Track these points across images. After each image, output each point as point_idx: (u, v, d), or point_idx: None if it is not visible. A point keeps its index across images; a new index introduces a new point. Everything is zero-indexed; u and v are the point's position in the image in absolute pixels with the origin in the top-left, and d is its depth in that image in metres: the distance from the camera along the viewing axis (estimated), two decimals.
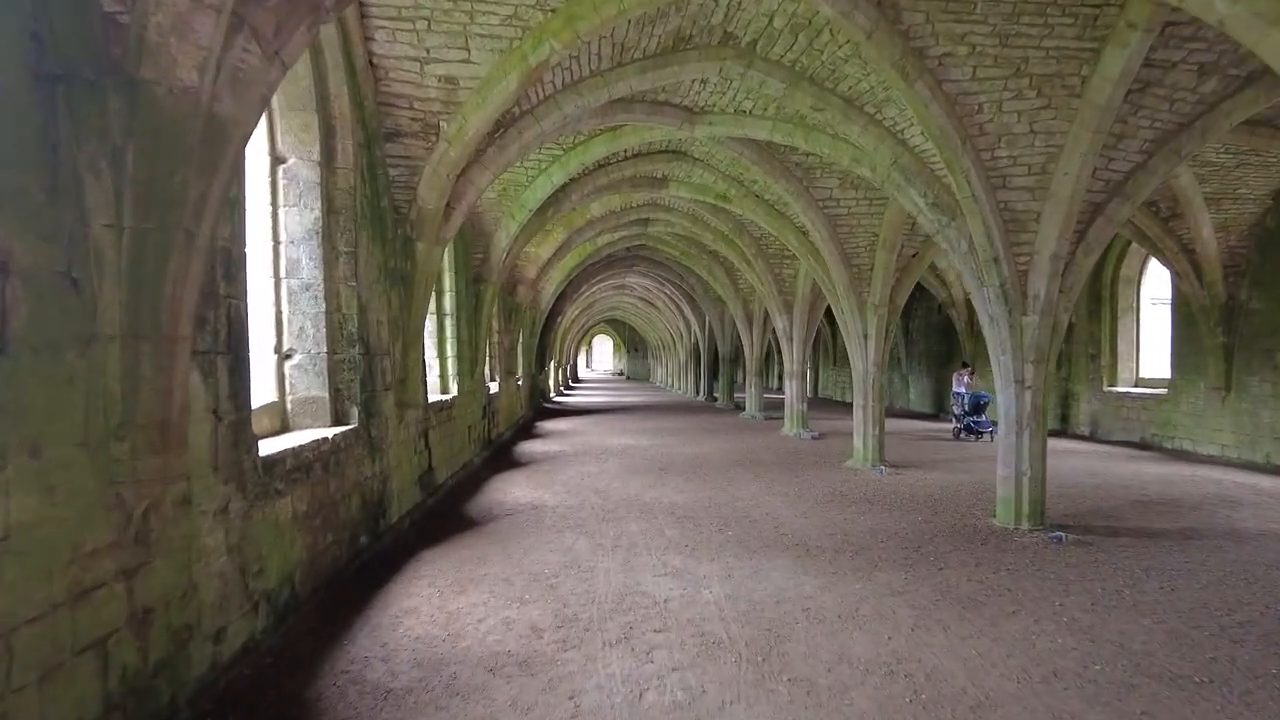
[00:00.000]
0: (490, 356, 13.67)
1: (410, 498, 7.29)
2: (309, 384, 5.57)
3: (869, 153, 7.67)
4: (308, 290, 5.56)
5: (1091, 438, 14.87)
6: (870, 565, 5.86)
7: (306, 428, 5.54)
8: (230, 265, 3.79)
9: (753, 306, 19.35)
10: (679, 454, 12.40)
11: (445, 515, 7.54)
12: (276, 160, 5.47)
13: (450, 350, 9.77)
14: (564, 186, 10.93)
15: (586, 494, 8.76)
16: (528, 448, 13.04)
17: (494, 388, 13.36)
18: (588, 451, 12.60)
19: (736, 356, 24.33)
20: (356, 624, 4.42)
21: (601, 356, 67.11)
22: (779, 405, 23.52)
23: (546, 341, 23.10)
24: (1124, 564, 6.00)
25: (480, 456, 11.37)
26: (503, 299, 14.20)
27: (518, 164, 9.75)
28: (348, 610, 4.65)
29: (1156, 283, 14.83)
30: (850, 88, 7.14)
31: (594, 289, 27.76)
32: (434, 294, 9.63)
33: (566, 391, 34.64)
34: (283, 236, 5.49)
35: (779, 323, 15.16)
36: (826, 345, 32.82)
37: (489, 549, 6.21)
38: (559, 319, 23.55)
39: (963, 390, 15.60)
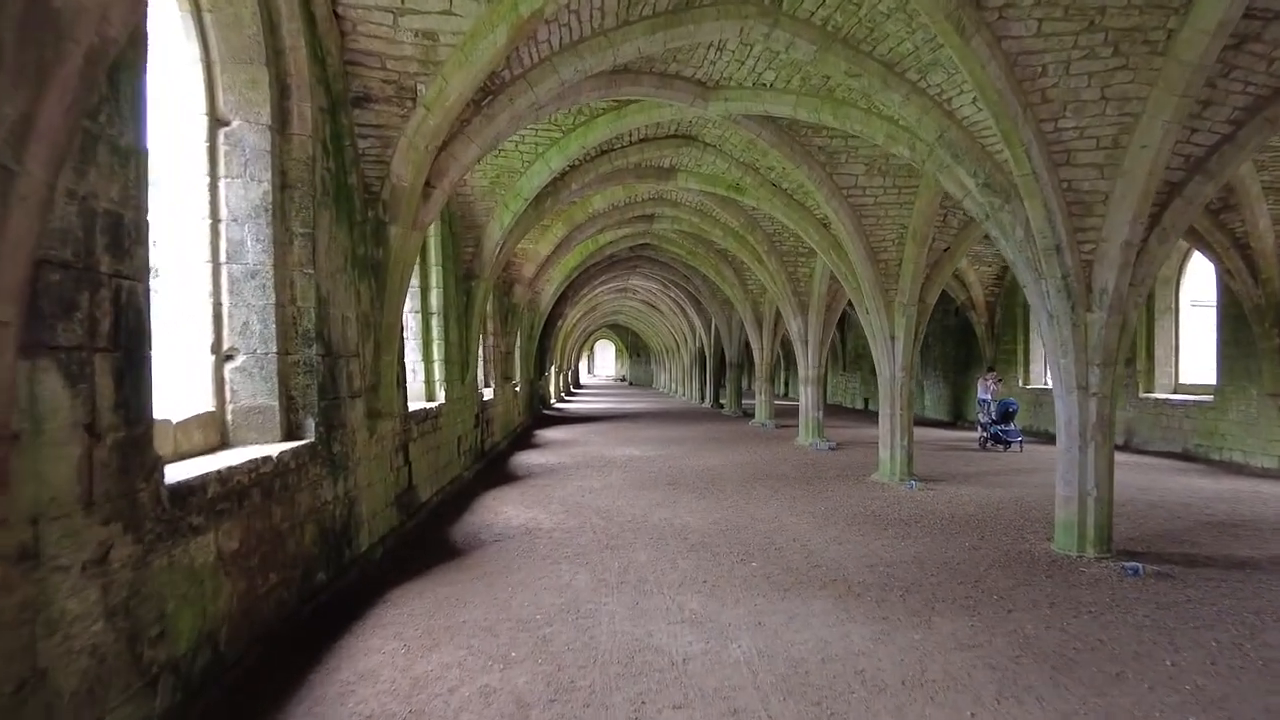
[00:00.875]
0: (485, 361, 12.76)
1: (385, 521, 6.35)
2: (254, 390, 4.64)
3: (911, 125, 6.76)
4: (254, 278, 4.63)
5: (1126, 447, 13.90)
6: (926, 607, 4.91)
7: (252, 443, 4.61)
8: (120, 235, 2.87)
9: (762, 308, 18.42)
10: (688, 467, 11.45)
11: (425, 542, 6.60)
12: (217, 122, 4.56)
13: (437, 353, 8.85)
14: (563, 175, 10.02)
15: (587, 514, 7.81)
16: (524, 459, 12.10)
17: (489, 394, 12.44)
18: (589, 464, 11.66)
19: (744, 361, 23.40)
20: (293, 698, 3.47)
21: (604, 362, 66.19)
22: (788, 412, 22.58)
23: (546, 346, 22.18)
24: (1225, 604, 5.05)
25: (472, 470, 10.43)
26: (499, 299, 13.29)
27: (511, 148, 8.86)
28: (287, 675, 3.71)
29: (1196, 283, 13.90)
30: (891, 50, 6.23)
31: (596, 292, 26.86)
32: (420, 292, 8.72)
33: (568, 398, 33.70)
34: (223, 213, 4.58)
35: (793, 325, 14.23)
36: (835, 349, 31.87)
37: (472, 586, 5.27)
38: (559, 322, 22.64)
39: (988, 397, 14.66)
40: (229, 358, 4.61)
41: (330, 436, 5.13)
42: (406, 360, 8.48)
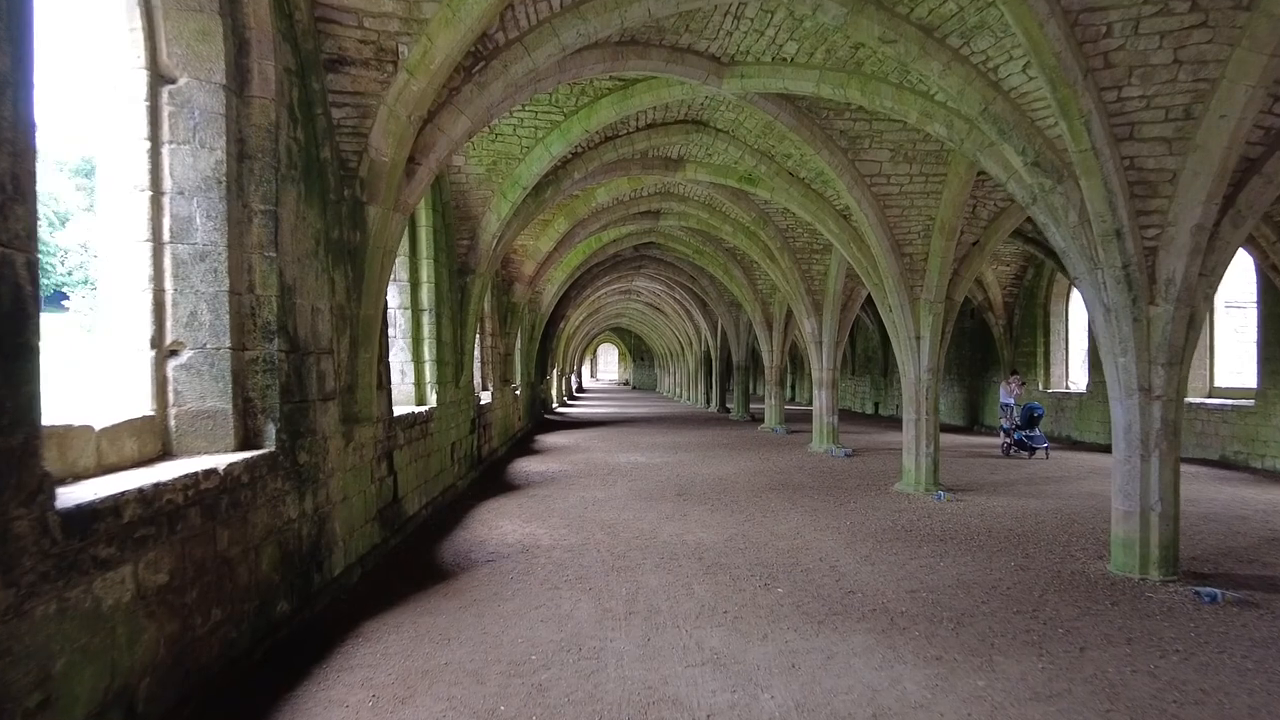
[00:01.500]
0: (482, 362, 12.10)
1: (364, 540, 5.68)
2: (203, 392, 3.98)
3: (950, 99, 6.09)
4: (203, 260, 3.98)
5: None
6: (984, 644, 4.22)
7: (200, 452, 3.95)
8: None
9: (772, 309, 17.76)
10: (698, 475, 10.76)
11: (409, 562, 5.92)
12: (160, 78, 3.91)
13: (428, 353, 8.19)
14: (565, 162, 9.38)
15: (591, 529, 7.13)
16: (524, 467, 11.42)
17: (486, 398, 11.78)
18: (592, 472, 10.98)
19: (752, 365, 22.72)
20: None
21: (607, 366, 65.55)
22: (798, 418, 21.93)
23: (548, 348, 21.53)
24: None
25: (467, 479, 9.76)
26: (497, 298, 12.65)
27: (509, 131, 8.22)
28: None
29: (1231, 282, 13.19)
30: (931, 11, 5.57)
31: (599, 293, 26.23)
32: (410, 286, 8.07)
33: (570, 402, 33.03)
34: (167, 184, 3.92)
35: (806, 325, 13.55)
36: (844, 352, 31.16)
37: (459, 617, 4.59)
38: (561, 324, 21.99)
39: (1011, 401, 13.95)
40: (173, 353, 3.95)
41: (296, 445, 4.47)
42: (394, 360, 7.84)
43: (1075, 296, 17.29)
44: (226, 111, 4.04)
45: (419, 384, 8.10)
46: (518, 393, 15.64)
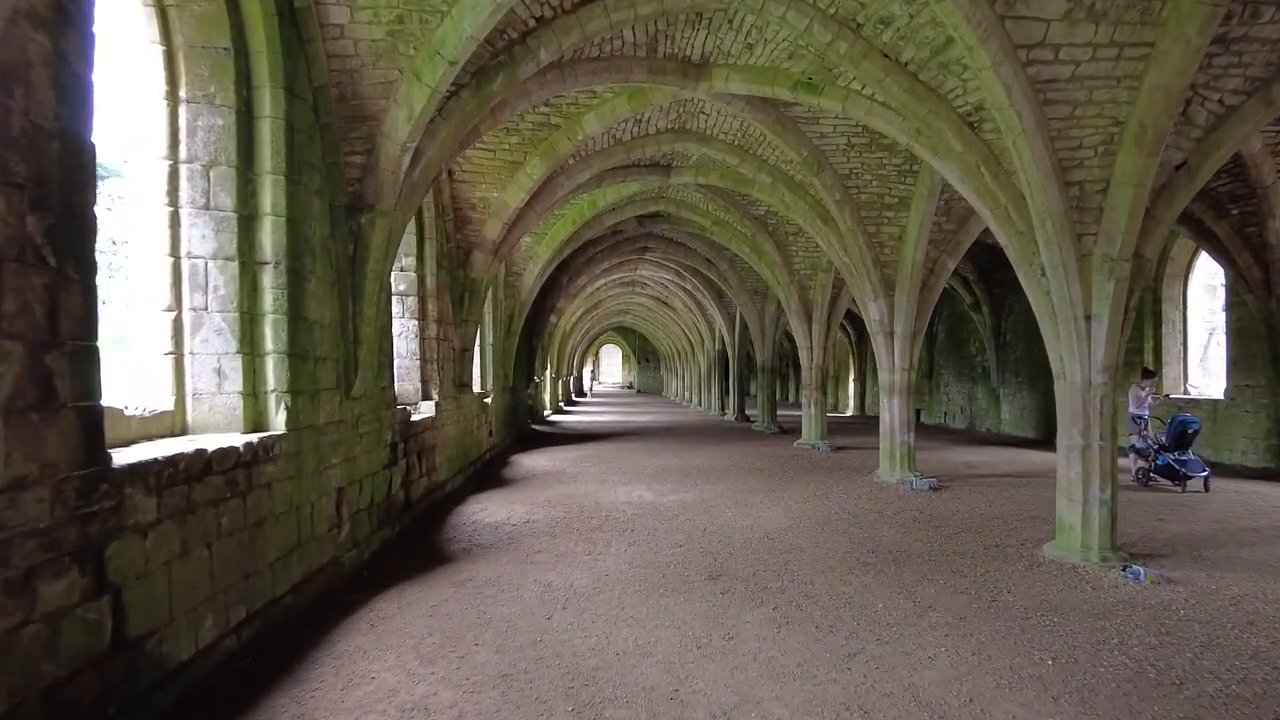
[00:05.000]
0: (424, 360, 8.55)
1: None
2: None
3: None
4: None
5: None
6: None
7: None
8: None
9: (812, 294, 14.16)
10: (734, 528, 7.16)
11: None
12: None
13: (273, 341, 4.63)
14: (525, 35, 5.84)
15: (553, 692, 3.54)
16: (474, 516, 7.75)
17: (426, 410, 8.23)
18: (573, 524, 7.37)
19: (781, 365, 19.09)
20: None
21: (610, 368, 61.96)
22: (837, 430, 18.33)
23: (535, 346, 17.98)
24: None
25: (369, 545, 6.20)
26: (448, 271, 9.10)
27: None
28: None
29: None
30: None
31: (598, 283, 22.68)
32: (238, 221, 4.57)
33: (567, 408, 29.46)
34: None
35: (873, 309, 9.94)
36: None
37: None
38: (552, 317, 18.43)
39: (1145, 413, 10.33)
40: None
41: None
42: (200, 351, 4.35)
43: (1195, 277, 13.66)
44: None
45: (253, 395, 4.55)
46: (487, 401, 12.07)
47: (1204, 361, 13.89)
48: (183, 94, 4.32)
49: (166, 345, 4.28)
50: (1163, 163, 5.80)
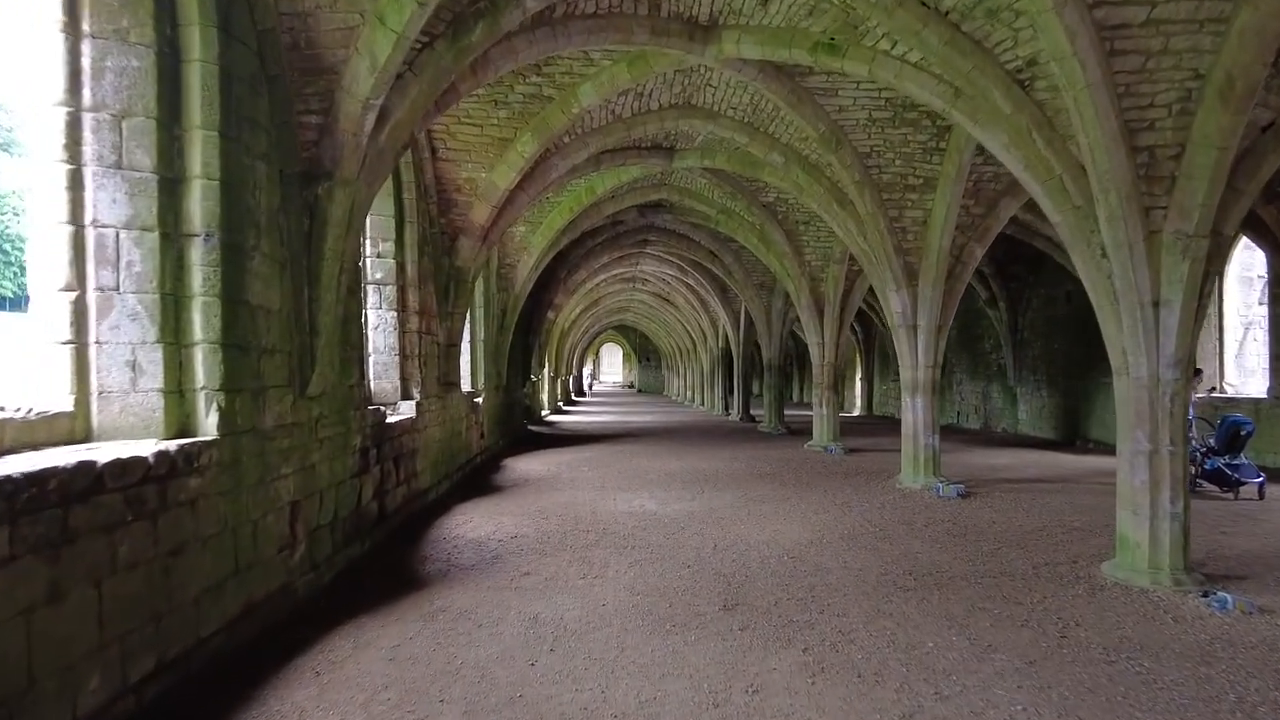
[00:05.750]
0: (403, 355, 7.77)
1: None
2: None
3: None
4: None
5: None
6: None
7: None
8: None
9: (824, 287, 13.37)
10: (749, 543, 6.38)
11: None
12: None
13: (201, 330, 3.85)
14: None
15: None
16: (456, 530, 6.93)
17: (405, 410, 7.45)
18: (569, 539, 6.58)
19: (787, 363, 18.32)
20: None
21: (611, 367, 61.22)
22: (845, 430, 17.56)
23: (532, 343, 17.22)
24: None
25: (333, 564, 5.43)
26: (433, 259, 8.32)
27: None
28: None
29: None
30: None
31: (598, 279, 21.90)
32: (159, 183, 3.81)
33: (567, 408, 28.68)
34: None
35: (894, 301, 9.16)
36: (883, 348, 26.68)
37: None
38: (550, 313, 17.67)
39: (1191, 413, 9.53)
40: None
41: None
42: (98, 334, 3.57)
43: (1230, 269, 12.87)
44: None
45: (178, 392, 3.77)
46: (478, 401, 11.29)
47: (1239, 358, 13.11)
48: (86, 26, 3.54)
49: (65, 333, 3.50)
50: (1248, 123, 5.02)
